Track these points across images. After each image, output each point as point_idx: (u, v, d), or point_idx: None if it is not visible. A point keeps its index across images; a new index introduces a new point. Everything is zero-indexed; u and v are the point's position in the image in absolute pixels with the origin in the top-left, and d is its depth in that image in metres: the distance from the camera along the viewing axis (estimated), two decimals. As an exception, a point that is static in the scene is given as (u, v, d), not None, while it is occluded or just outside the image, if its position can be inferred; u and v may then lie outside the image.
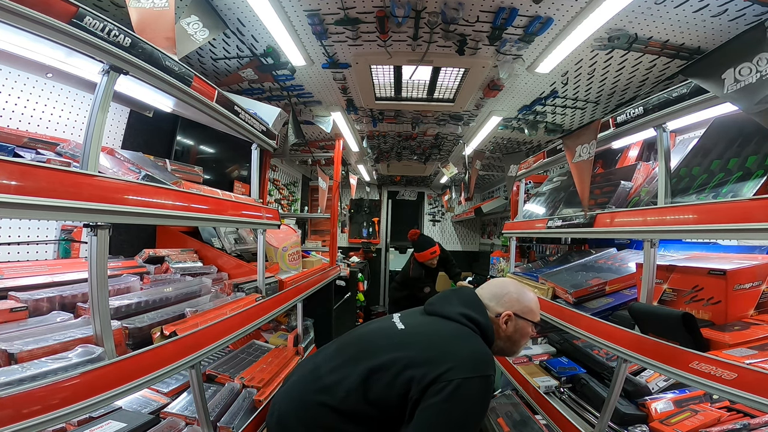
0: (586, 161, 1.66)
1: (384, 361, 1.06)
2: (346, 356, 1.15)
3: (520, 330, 1.24)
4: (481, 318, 1.18)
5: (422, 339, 1.12)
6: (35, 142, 1.17)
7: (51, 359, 0.82)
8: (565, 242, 2.76)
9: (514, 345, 1.26)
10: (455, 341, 1.09)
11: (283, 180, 4.14)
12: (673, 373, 1.04)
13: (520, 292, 1.28)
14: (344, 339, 1.29)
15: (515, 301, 1.25)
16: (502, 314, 1.22)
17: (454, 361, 1.00)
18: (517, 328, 1.24)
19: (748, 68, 0.94)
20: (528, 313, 1.25)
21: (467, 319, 1.16)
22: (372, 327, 1.29)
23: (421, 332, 1.16)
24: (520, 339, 1.26)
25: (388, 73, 2.17)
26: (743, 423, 1.24)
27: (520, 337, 1.25)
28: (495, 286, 1.30)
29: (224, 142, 2.49)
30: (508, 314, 1.22)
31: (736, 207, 0.97)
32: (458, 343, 1.08)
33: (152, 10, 1.15)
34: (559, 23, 1.58)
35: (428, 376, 0.99)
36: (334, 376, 1.10)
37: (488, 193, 5.50)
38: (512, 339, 1.24)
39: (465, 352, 1.05)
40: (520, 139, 3.34)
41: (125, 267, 1.47)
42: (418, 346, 1.09)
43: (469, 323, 1.16)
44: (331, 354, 1.21)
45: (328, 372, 1.13)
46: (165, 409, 1.38)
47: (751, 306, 1.13)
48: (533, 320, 1.26)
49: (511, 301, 1.25)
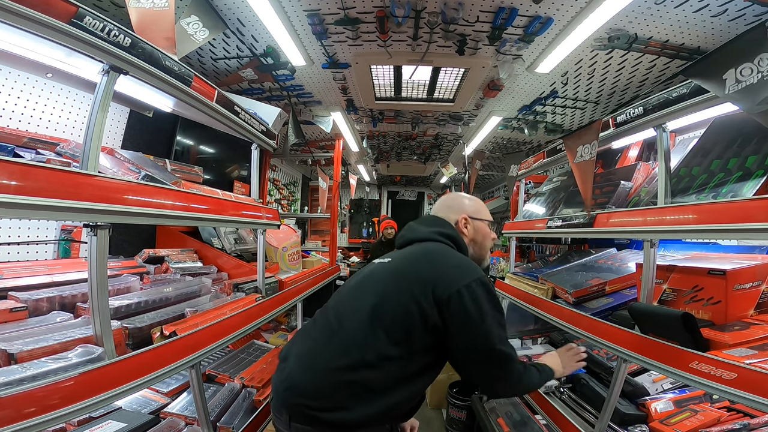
0: (588, 161, 1.66)
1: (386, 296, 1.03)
2: (348, 310, 1.07)
3: (479, 231, 1.30)
4: (452, 231, 1.24)
5: (415, 263, 1.10)
6: (35, 142, 1.17)
7: (51, 359, 0.82)
8: (565, 242, 2.76)
9: (481, 248, 1.32)
10: (444, 258, 1.11)
11: (283, 180, 4.14)
12: (673, 373, 1.04)
13: (466, 197, 1.37)
14: (335, 300, 1.17)
15: (465, 206, 1.32)
16: (459, 220, 1.28)
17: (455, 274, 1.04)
18: (476, 229, 1.30)
19: (750, 69, 0.94)
20: (479, 213, 1.32)
21: (441, 235, 1.21)
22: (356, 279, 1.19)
23: (409, 259, 1.13)
24: (483, 240, 1.31)
25: (388, 73, 2.17)
26: (743, 423, 1.24)
27: (482, 238, 1.31)
28: (443, 201, 1.37)
29: (224, 142, 2.49)
30: (464, 218, 1.28)
31: (736, 207, 0.97)
32: (448, 259, 1.11)
33: (152, 10, 1.15)
34: (559, 23, 1.58)
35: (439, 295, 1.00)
36: (344, 334, 1.02)
37: (488, 193, 5.50)
38: (476, 241, 1.30)
39: (456, 262, 1.10)
40: (520, 139, 3.34)
41: (125, 267, 1.47)
42: (414, 271, 1.07)
43: (445, 239, 1.20)
44: (330, 318, 1.08)
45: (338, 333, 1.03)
46: (165, 409, 1.38)
47: (751, 306, 1.13)
48: (486, 219, 1.33)
49: (462, 207, 1.32)
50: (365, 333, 0.99)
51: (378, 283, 1.09)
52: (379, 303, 1.02)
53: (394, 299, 1.02)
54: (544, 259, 2.54)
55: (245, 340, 2.17)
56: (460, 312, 0.99)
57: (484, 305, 1.01)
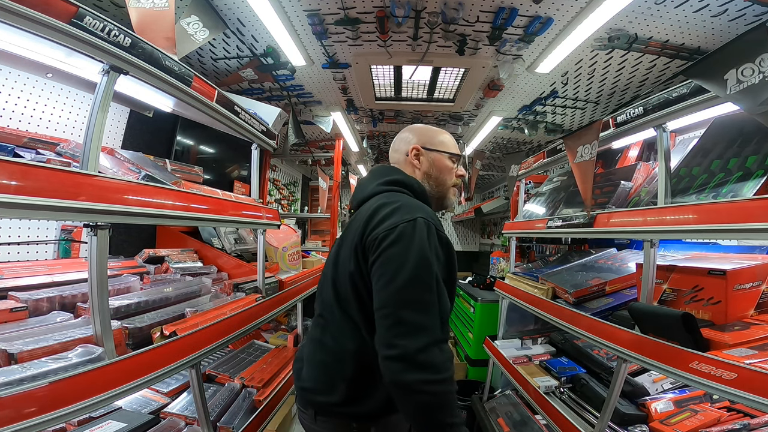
0: (588, 162, 1.66)
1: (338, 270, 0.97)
2: (325, 300, 1.03)
3: (435, 164, 1.11)
4: (400, 176, 1.07)
5: (357, 223, 0.98)
6: (35, 142, 1.17)
7: (51, 359, 0.83)
8: (565, 242, 2.76)
9: (438, 183, 1.11)
10: (389, 204, 0.94)
11: (283, 180, 4.14)
12: (673, 373, 1.04)
13: (421, 126, 1.17)
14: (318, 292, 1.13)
15: (419, 134, 1.13)
16: (408, 152, 1.11)
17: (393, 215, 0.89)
18: (431, 162, 1.10)
19: (751, 69, 0.94)
20: (434, 142, 1.12)
21: (386, 184, 1.05)
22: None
23: (355, 219, 1.02)
24: (440, 174, 1.11)
25: (388, 73, 2.17)
26: (743, 423, 1.24)
27: (438, 172, 1.11)
28: (398, 137, 1.18)
29: (224, 142, 2.49)
30: (414, 148, 1.10)
31: (736, 207, 0.97)
32: (393, 203, 0.94)
33: (152, 10, 1.15)
34: (559, 23, 1.58)
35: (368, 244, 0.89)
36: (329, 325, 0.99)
37: (488, 193, 5.50)
38: (432, 176, 1.11)
39: (398, 203, 0.93)
40: (520, 139, 3.34)
41: (125, 267, 1.47)
42: (355, 228, 0.96)
43: (392, 186, 1.04)
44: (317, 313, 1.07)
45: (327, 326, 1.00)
46: (165, 409, 1.38)
47: (751, 306, 1.13)
48: (445, 150, 1.12)
49: (415, 136, 1.13)
50: (339, 317, 0.95)
51: (331, 261, 1.03)
52: (335, 280, 0.97)
53: (341, 270, 0.95)
54: (544, 259, 2.54)
55: (245, 340, 2.17)
56: (379, 256, 0.85)
57: (413, 243, 0.83)
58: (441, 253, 0.89)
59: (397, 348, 0.78)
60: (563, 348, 2.11)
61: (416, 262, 0.82)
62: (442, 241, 0.90)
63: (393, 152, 1.17)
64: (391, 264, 0.83)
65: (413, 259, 0.82)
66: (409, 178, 1.08)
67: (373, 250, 0.88)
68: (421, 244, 0.84)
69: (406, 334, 0.78)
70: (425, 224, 0.87)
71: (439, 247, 0.88)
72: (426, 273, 0.83)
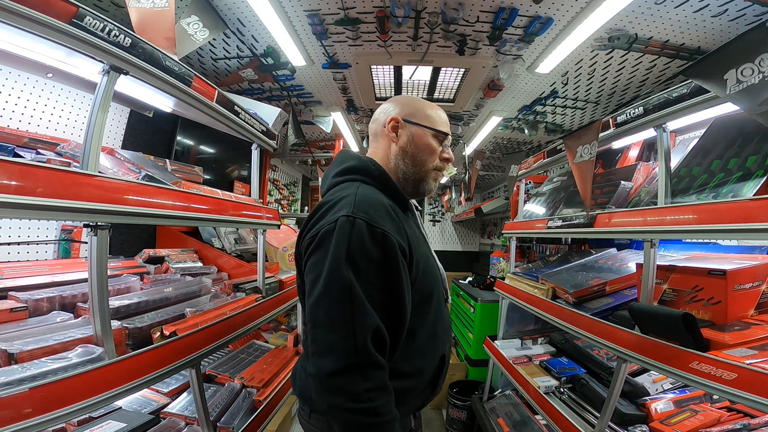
0: (588, 162, 1.66)
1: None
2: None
3: (414, 139, 0.95)
4: (353, 162, 0.93)
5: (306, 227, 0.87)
6: (35, 142, 1.17)
7: (51, 359, 0.83)
8: (565, 242, 2.76)
9: (415, 162, 0.95)
10: (327, 202, 0.83)
11: (283, 180, 4.14)
12: (673, 373, 1.04)
13: (410, 97, 1.03)
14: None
15: (402, 105, 0.98)
16: (385, 123, 0.97)
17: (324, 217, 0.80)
18: (411, 136, 0.95)
19: (751, 69, 0.94)
20: (421, 116, 0.96)
21: (340, 174, 0.93)
22: None
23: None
24: (418, 152, 0.95)
25: (388, 73, 2.17)
26: (743, 423, 1.24)
27: (416, 149, 0.95)
28: (380, 106, 1.04)
29: (224, 142, 2.49)
30: (393, 119, 0.96)
31: (736, 207, 0.97)
32: (331, 200, 0.83)
33: (152, 10, 1.15)
34: (559, 23, 1.58)
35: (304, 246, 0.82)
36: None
37: (488, 193, 5.50)
38: (408, 153, 0.95)
39: (334, 200, 0.82)
40: (520, 139, 3.34)
41: (125, 267, 1.47)
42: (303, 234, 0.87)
43: (344, 176, 0.92)
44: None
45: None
46: (165, 409, 1.38)
47: (751, 306, 1.13)
48: (429, 126, 0.96)
49: (397, 106, 0.98)
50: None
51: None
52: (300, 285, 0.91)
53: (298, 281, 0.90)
54: (544, 259, 2.54)
55: (245, 340, 2.17)
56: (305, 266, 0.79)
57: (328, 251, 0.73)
58: (375, 254, 0.75)
59: (314, 367, 0.72)
60: (563, 348, 2.11)
61: (328, 274, 0.72)
62: (375, 238, 0.75)
63: (371, 123, 1.03)
64: (309, 275, 0.77)
65: (326, 271, 0.73)
66: (363, 161, 0.94)
67: (303, 258, 0.82)
68: (337, 252, 0.73)
69: (321, 354, 0.71)
70: (348, 223, 0.74)
71: (372, 247, 0.75)
72: (336, 287, 0.72)
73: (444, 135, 0.99)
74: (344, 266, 0.72)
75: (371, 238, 0.75)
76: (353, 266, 0.73)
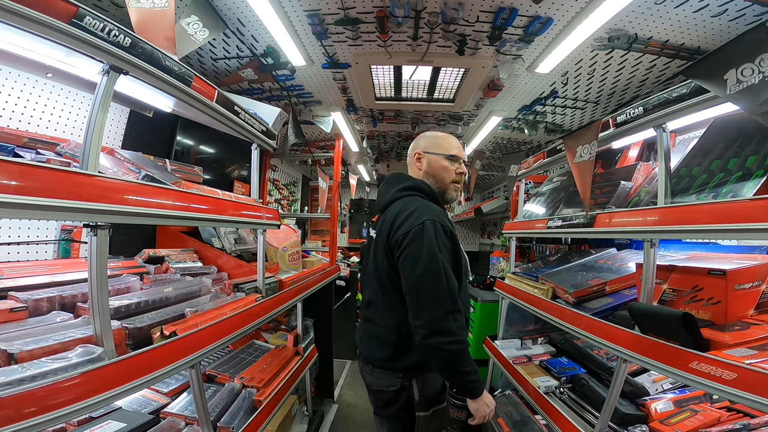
0: (587, 162, 1.66)
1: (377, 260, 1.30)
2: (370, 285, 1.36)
3: (432, 164, 1.37)
4: (410, 182, 1.34)
5: (384, 226, 1.28)
6: (35, 142, 1.17)
7: (51, 359, 0.82)
8: (565, 242, 2.76)
9: (437, 180, 1.37)
10: (405, 210, 1.23)
11: (283, 180, 4.14)
12: (673, 373, 1.04)
13: (430, 133, 1.43)
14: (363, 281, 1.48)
15: (422, 141, 1.41)
16: (413, 156, 1.40)
17: (407, 220, 1.18)
18: (430, 162, 1.37)
19: (750, 69, 0.94)
20: (433, 147, 1.39)
21: (404, 190, 1.32)
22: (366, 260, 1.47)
23: (383, 223, 1.31)
24: (437, 172, 1.37)
25: (388, 73, 2.17)
26: (743, 423, 1.24)
27: (435, 170, 1.37)
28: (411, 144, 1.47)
29: (224, 142, 2.49)
30: (417, 153, 1.39)
31: (736, 207, 0.97)
32: (407, 209, 1.22)
33: (152, 10, 1.15)
34: (559, 23, 1.58)
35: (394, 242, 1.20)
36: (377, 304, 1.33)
37: (488, 193, 5.50)
38: (431, 174, 1.37)
39: (411, 209, 1.21)
40: (520, 139, 3.34)
41: (125, 267, 1.47)
42: (383, 232, 1.27)
43: (407, 192, 1.31)
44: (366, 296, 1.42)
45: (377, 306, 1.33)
46: (165, 409, 1.38)
47: (751, 306, 1.13)
48: (440, 153, 1.37)
49: (416, 145, 1.42)
50: (383, 301, 1.28)
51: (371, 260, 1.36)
52: (378, 274, 1.29)
53: (380, 266, 1.28)
54: (544, 259, 2.54)
55: (245, 340, 2.17)
56: (401, 254, 1.17)
57: (423, 242, 1.13)
58: (447, 243, 1.18)
59: (422, 318, 1.10)
60: (563, 348, 2.11)
61: (427, 257, 1.12)
62: (447, 233, 1.19)
63: (408, 157, 1.47)
64: (409, 260, 1.14)
65: (425, 255, 1.12)
66: (417, 182, 1.35)
67: (396, 250, 1.19)
68: (429, 243, 1.13)
69: (426, 309, 1.10)
70: (432, 224, 1.15)
71: (446, 239, 1.18)
72: (435, 264, 1.11)
73: (452, 156, 1.37)
74: (437, 251, 1.13)
75: (444, 233, 1.18)
76: (440, 251, 1.14)
